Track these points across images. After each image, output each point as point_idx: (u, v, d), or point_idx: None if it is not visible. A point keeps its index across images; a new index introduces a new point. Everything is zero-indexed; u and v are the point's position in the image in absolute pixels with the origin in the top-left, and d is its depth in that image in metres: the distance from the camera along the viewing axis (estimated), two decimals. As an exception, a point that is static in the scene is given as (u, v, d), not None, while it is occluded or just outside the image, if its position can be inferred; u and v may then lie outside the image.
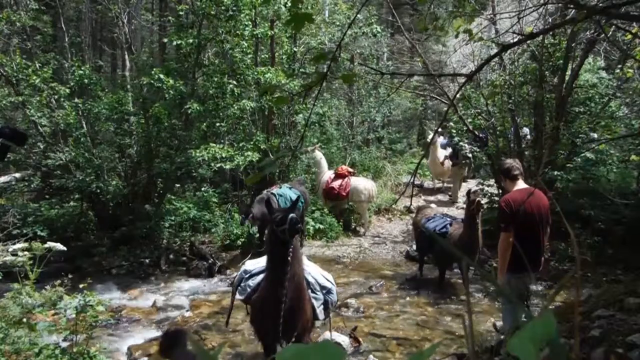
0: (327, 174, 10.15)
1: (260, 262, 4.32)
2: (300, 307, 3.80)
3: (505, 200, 4.41)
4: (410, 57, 17.99)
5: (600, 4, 3.47)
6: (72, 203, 9.59)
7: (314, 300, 3.98)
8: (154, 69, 8.47)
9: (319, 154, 10.44)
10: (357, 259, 8.85)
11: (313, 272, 4.20)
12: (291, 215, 3.53)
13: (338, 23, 11.73)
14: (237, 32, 9.04)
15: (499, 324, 5.05)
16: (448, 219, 7.14)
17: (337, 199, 9.94)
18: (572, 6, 4.60)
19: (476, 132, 9.22)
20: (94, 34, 15.70)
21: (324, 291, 4.13)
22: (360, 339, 5.40)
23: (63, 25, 9.91)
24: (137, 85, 9.64)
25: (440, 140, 12.05)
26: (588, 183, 8.05)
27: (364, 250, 9.25)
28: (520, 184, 4.53)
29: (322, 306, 4.06)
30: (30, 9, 8.97)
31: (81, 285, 4.66)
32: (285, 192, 8.57)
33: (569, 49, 7.85)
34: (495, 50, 6.69)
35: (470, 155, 11.70)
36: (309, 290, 3.96)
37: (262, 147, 9.30)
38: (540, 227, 4.38)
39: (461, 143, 10.72)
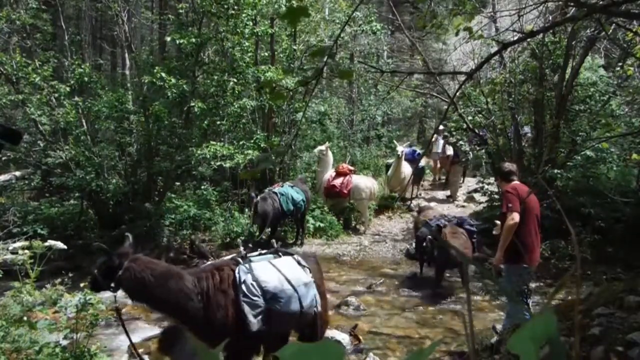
0: (329, 172, 10.10)
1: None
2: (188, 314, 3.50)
3: (512, 187, 4.73)
4: (411, 55, 18.00)
5: (601, 2, 3.47)
6: (72, 201, 9.60)
7: (244, 305, 3.51)
8: (156, 68, 8.48)
9: (329, 153, 10.24)
10: (357, 257, 8.86)
11: (261, 273, 3.69)
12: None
13: (338, 21, 11.72)
14: (238, 30, 9.04)
15: (499, 327, 5.07)
16: (442, 222, 7.06)
17: (339, 197, 9.93)
18: (572, 4, 4.59)
19: (476, 131, 9.23)
20: (94, 32, 15.70)
21: (268, 296, 3.60)
22: (361, 337, 5.40)
23: (63, 24, 9.90)
24: (137, 83, 9.64)
25: (406, 150, 11.14)
26: (588, 181, 8.05)
27: (364, 248, 9.26)
28: (514, 182, 4.88)
29: (260, 315, 3.56)
30: (30, 7, 8.95)
31: (81, 284, 4.65)
32: (287, 190, 8.61)
33: (569, 47, 7.84)
34: (495, 48, 6.69)
35: (470, 152, 11.70)
36: (241, 295, 3.53)
37: (262, 145, 9.30)
38: (537, 224, 4.76)
39: (461, 142, 10.72)
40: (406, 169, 10.72)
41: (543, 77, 8.25)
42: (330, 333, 5.35)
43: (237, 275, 3.61)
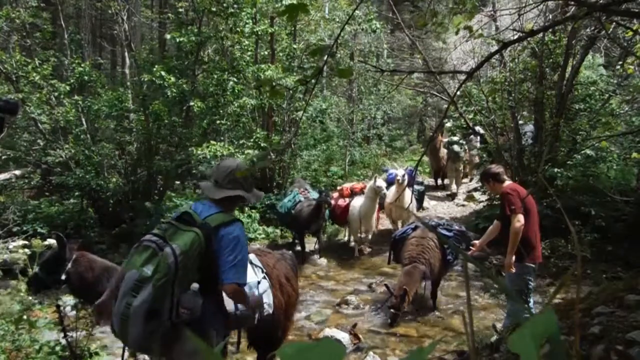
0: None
1: None
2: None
3: (510, 187, 4.70)
4: (411, 54, 18.01)
5: (601, 1, 3.46)
6: (72, 200, 9.59)
7: None
8: (156, 67, 8.47)
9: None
10: (357, 256, 8.84)
11: None
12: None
13: (338, 20, 11.73)
14: (237, 29, 9.04)
15: (499, 325, 5.07)
16: (410, 227, 6.52)
17: None
18: (572, 3, 4.60)
19: (476, 129, 9.23)
20: (94, 31, 15.70)
21: None
22: (360, 336, 5.40)
23: (62, 22, 9.90)
24: (137, 82, 9.64)
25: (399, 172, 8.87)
26: (588, 180, 8.05)
27: (364, 247, 9.24)
28: (508, 182, 4.88)
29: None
30: (30, 6, 8.96)
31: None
32: (311, 192, 8.50)
33: (569, 46, 7.84)
34: (495, 47, 6.69)
35: (462, 152, 11.68)
36: None
37: (262, 144, 9.29)
38: (538, 221, 4.79)
39: (455, 138, 10.75)
40: (407, 197, 8.56)
41: (543, 76, 8.25)
42: (330, 332, 5.36)
43: None
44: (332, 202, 8.69)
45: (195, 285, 2.48)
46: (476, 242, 5.39)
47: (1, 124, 2.13)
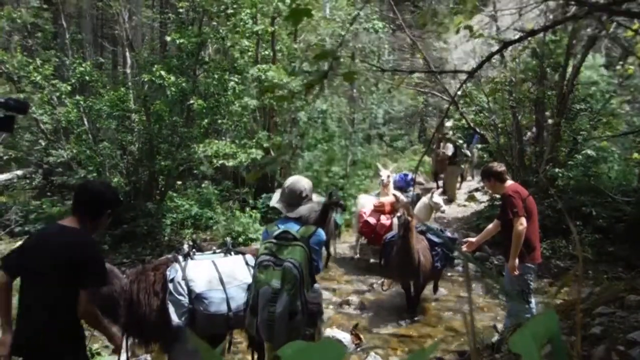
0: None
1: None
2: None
3: (512, 189, 4.65)
4: (411, 54, 17.99)
5: (602, 1, 3.46)
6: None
7: (169, 304, 3.49)
8: (156, 67, 8.47)
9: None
10: (358, 255, 8.84)
11: (192, 272, 3.62)
12: None
13: (338, 19, 11.71)
14: (238, 29, 9.03)
15: (500, 326, 5.06)
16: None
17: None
18: (573, 3, 4.59)
19: (477, 130, 9.23)
20: (95, 31, 15.71)
21: (192, 296, 3.52)
22: (362, 336, 5.40)
23: (64, 22, 9.92)
24: (138, 82, 9.64)
25: (394, 176, 8.93)
26: (589, 180, 8.05)
27: (365, 246, 9.23)
28: (509, 182, 4.87)
29: (185, 315, 3.49)
30: (31, 6, 8.98)
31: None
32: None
33: (570, 45, 7.84)
34: (496, 47, 6.69)
35: (469, 153, 11.68)
36: (167, 294, 3.53)
37: (264, 144, 9.29)
38: (537, 221, 4.80)
39: (459, 141, 10.75)
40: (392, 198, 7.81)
41: (544, 76, 8.24)
42: (331, 332, 5.36)
43: (167, 273, 3.58)
44: (373, 221, 7.81)
45: (317, 286, 3.26)
46: (471, 239, 5.37)
47: (11, 122, 2.18)
